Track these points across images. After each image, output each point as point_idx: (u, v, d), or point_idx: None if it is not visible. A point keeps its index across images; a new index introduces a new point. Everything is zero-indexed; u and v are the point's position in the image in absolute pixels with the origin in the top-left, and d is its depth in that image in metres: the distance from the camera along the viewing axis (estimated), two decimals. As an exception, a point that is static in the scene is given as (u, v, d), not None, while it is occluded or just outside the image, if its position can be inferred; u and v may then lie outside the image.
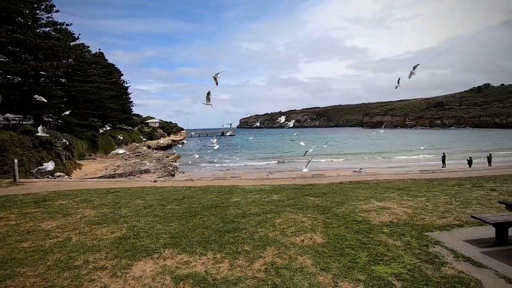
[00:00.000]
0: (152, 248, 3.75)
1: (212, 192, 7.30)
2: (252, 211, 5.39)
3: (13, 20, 23.91)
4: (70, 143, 23.31)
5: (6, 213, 5.52)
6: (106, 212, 5.52)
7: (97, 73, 41.49)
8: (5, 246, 3.92)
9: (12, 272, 3.16)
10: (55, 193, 7.60)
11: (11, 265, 3.33)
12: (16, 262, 3.41)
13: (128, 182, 11.23)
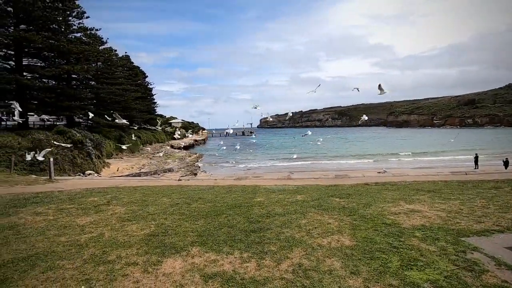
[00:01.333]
0: (180, 246, 3.83)
1: (235, 192, 7.35)
2: (276, 211, 5.36)
3: (48, 27, 25.42)
4: (99, 143, 24.43)
5: (44, 208, 5.87)
6: (135, 210, 5.72)
7: (123, 75, 43.18)
8: (45, 239, 4.17)
9: (52, 265, 3.35)
10: (87, 190, 7.97)
11: (51, 258, 3.53)
12: (55, 255, 3.61)
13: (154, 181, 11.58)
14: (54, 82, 29.13)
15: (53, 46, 24.32)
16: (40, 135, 18.26)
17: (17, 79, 22.32)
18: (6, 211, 5.69)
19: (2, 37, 22.39)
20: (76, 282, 2.98)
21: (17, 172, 13.53)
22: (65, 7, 26.43)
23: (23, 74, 24.55)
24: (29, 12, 23.01)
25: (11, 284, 2.93)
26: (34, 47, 24.23)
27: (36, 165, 15.50)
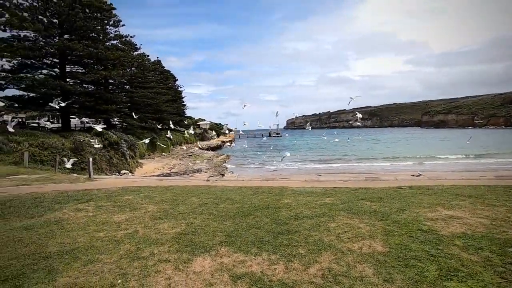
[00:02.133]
0: (210, 245, 3.91)
1: (262, 193, 7.37)
2: (304, 214, 5.29)
3: (88, 36, 27.27)
4: (133, 144, 25.71)
5: (85, 205, 6.29)
6: (166, 208, 5.93)
7: (155, 79, 45.08)
8: (85, 234, 4.46)
9: (92, 258, 3.58)
10: (122, 189, 8.41)
11: (91, 252, 3.77)
12: (95, 250, 3.85)
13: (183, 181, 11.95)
14: (93, 87, 31.14)
15: (92, 53, 26.02)
16: (80, 136, 19.62)
17: (61, 85, 24.16)
18: (52, 206, 6.17)
19: (48, 46, 24.40)
20: (114, 276, 3.15)
21: (61, 170, 14.63)
22: (103, 16, 28.20)
23: (66, 80, 26.54)
24: (72, 23, 24.85)
25: (57, 275, 3.17)
26: (75, 55, 26.10)
27: (77, 165, 16.65)
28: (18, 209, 5.96)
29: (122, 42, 32.29)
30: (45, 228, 4.74)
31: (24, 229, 4.72)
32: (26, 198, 7.06)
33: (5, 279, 3.08)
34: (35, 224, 4.95)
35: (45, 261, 3.51)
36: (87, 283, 3.01)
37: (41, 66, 26.51)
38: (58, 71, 26.84)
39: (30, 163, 15.04)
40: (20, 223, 5.06)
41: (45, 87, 23.23)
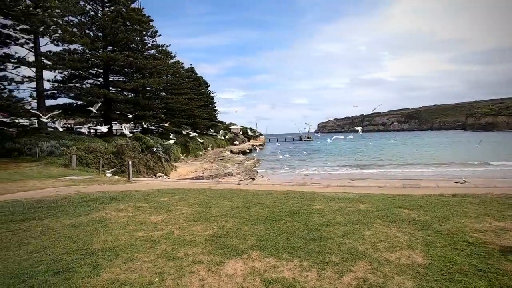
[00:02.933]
0: (241, 249, 3.96)
1: (293, 198, 7.29)
2: (337, 220, 5.14)
3: (128, 46, 29.21)
4: (168, 148, 26.87)
5: (125, 205, 6.69)
6: (199, 211, 6.11)
7: (188, 85, 46.87)
8: (126, 233, 4.74)
9: (132, 256, 3.79)
10: (158, 191, 8.81)
11: (131, 250, 4.00)
12: (134, 248, 4.08)
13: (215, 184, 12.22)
14: (132, 94, 33.19)
15: (132, 63, 27.78)
16: (121, 141, 20.95)
17: (105, 93, 26.06)
18: (96, 206, 6.65)
19: (94, 58, 26.50)
20: (151, 274, 3.31)
21: (104, 172, 15.71)
22: (142, 28, 30.02)
23: (109, 88, 28.61)
24: (114, 36, 26.79)
25: (101, 270, 3.40)
26: (117, 65, 28.05)
27: (118, 167, 17.78)
28: (67, 208, 6.51)
29: (158, 51, 34.07)
30: (91, 226, 5.11)
31: (72, 226, 5.14)
32: (74, 198, 7.69)
33: (58, 271, 3.37)
34: (82, 222, 5.37)
35: (90, 257, 3.79)
36: (128, 280, 3.19)
37: (88, 76, 28.88)
38: (102, 80, 29.05)
39: (78, 165, 16.36)
40: (69, 220, 5.52)
41: (91, 95, 25.21)
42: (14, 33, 19.67)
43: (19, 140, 17.91)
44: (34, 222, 5.42)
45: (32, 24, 18.46)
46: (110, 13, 27.25)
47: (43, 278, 3.22)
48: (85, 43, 22.61)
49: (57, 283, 3.11)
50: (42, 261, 3.67)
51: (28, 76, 20.62)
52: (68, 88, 25.51)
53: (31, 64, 19.77)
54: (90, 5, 27.74)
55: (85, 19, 27.13)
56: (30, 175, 13.12)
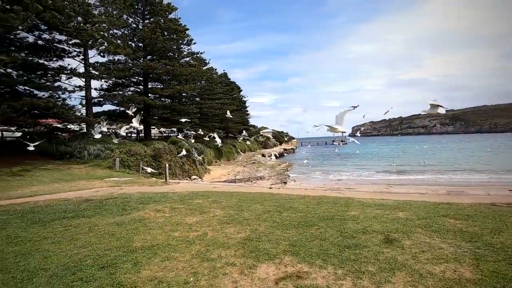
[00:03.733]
0: (273, 253, 3.94)
1: (326, 203, 7.11)
2: (374, 228, 4.91)
3: (165, 55, 30.80)
4: (202, 151, 27.73)
5: (162, 206, 7.02)
6: (232, 214, 6.20)
7: (221, 90, 48.07)
8: (163, 233, 4.97)
9: (169, 255, 3.96)
10: (193, 193, 9.12)
11: (168, 249, 4.18)
12: (171, 248, 4.26)
13: (247, 187, 12.34)
14: (169, 100, 34.84)
15: (169, 70, 29.22)
16: (159, 145, 22.07)
17: (144, 100, 27.69)
18: (136, 206, 7.05)
19: (135, 67, 28.33)
20: (187, 274, 3.43)
21: (143, 174, 16.64)
22: (178, 37, 31.52)
23: (148, 95, 30.33)
24: (153, 45, 28.44)
25: (141, 267, 3.60)
26: (156, 73, 29.67)
27: (156, 170, 18.72)
28: (111, 207, 6.99)
29: (193, 58, 35.48)
30: (132, 225, 5.44)
31: (116, 224, 5.51)
32: (117, 198, 8.24)
33: (103, 266, 3.63)
34: (124, 221, 5.73)
35: (131, 254, 4.02)
36: (165, 278, 3.34)
37: (129, 84, 30.92)
38: (142, 87, 30.90)
39: (120, 168, 17.51)
40: (113, 219, 5.92)
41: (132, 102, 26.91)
42: (68, 47, 21.75)
43: (70, 144, 19.65)
44: (82, 220, 5.89)
45: (82, 38, 20.27)
46: (149, 25, 29.00)
47: (90, 272, 3.48)
48: (127, 53, 24.28)
49: (102, 277, 3.34)
50: (89, 256, 3.98)
51: (78, 86, 22.67)
52: (112, 95, 27.57)
53: (81, 74, 21.68)
54: (132, 18, 29.76)
55: (127, 31, 29.16)
56: (79, 176, 14.31)
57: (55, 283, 3.23)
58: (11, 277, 3.39)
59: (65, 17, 17.24)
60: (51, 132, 21.19)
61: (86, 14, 19.51)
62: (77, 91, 22.72)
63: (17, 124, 19.24)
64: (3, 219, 6.01)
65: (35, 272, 3.50)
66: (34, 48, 19.71)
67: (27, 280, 3.32)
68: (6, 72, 17.40)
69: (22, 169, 14.60)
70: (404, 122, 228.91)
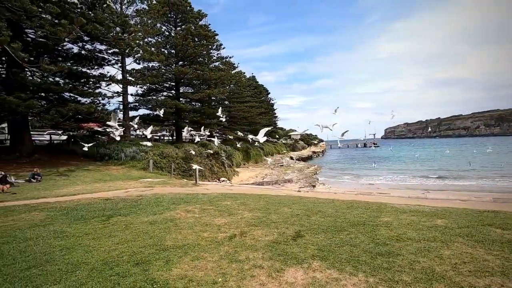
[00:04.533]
0: (302, 257, 3.89)
1: (357, 208, 6.88)
2: (408, 236, 4.66)
3: (196, 60, 31.82)
4: (231, 154, 28.16)
5: (192, 207, 7.23)
6: (260, 216, 6.22)
7: (250, 94, 48.55)
8: (193, 233, 5.11)
9: (198, 255, 4.06)
10: (221, 195, 9.28)
11: (197, 249, 4.29)
12: (200, 248, 4.37)
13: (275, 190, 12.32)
14: (199, 104, 35.87)
15: (199, 75, 30.12)
16: (189, 147, 22.78)
17: (176, 104, 28.79)
18: (168, 206, 7.33)
19: (168, 73, 29.59)
20: (215, 274, 3.49)
21: (174, 176, 17.27)
22: (208, 42, 32.41)
23: (179, 99, 31.48)
24: (184, 51, 29.52)
25: (172, 265, 3.73)
26: (187, 78, 30.76)
27: (187, 171, 19.34)
28: (145, 207, 7.34)
29: (222, 63, 36.23)
30: (164, 224, 5.66)
31: (149, 223, 5.77)
32: (150, 198, 8.63)
33: (137, 263, 3.82)
34: (156, 220, 5.98)
35: (163, 252, 4.19)
36: (195, 277, 3.43)
37: (162, 89, 32.33)
38: (174, 92, 32.16)
39: (153, 169, 18.33)
40: (146, 218, 6.21)
41: (165, 106, 28.13)
42: (107, 56, 23.28)
43: (109, 147, 20.95)
44: (119, 218, 6.25)
45: (120, 47, 21.58)
46: (181, 32, 30.18)
47: (126, 267, 3.68)
48: (161, 60, 25.41)
49: (136, 273, 3.52)
50: (125, 252, 4.21)
51: (116, 92, 24.15)
52: (146, 100, 29.04)
53: (119, 81, 23.09)
54: (165, 26, 31.18)
55: (161, 39, 30.56)
56: (116, 176, 15.20)
57: (95, 276, 3.46)
58: (57, 268, 3.69)
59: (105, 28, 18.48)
60: (93, 135, 22.78)
61: (124, 24, 20.76)
62: (115, 96, 24.22)
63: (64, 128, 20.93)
64: (51, 215, 6.56)
65: (77, 265, 3.78)
66: (78, 58, 21.36)
67: (71, 272, 3.59)
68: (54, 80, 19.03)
69: (67, 170, 15.85)
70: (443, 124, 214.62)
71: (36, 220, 6.16)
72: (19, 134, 18.45)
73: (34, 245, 4.55)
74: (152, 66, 29.32)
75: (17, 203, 8.13)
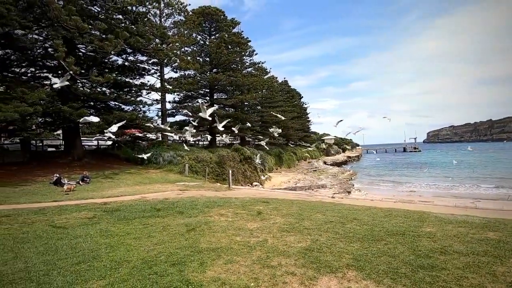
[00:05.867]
0: (336, 266, 3.77)
1: (396, 217, 6.51)
2: (455, 248, 4.30)
3: (229, 67, 32.65)
4: (263, 158, 28.26)
5: (226, 211, 7.37)
6: (292, 222, 6.15)
7: (282, 98, 48.46)
8: (226, 237, 5.21)
9: (231, 259, 4.13)
10: (254, 200, 9.34)
11: (230, 253, 4.36)
12: (233, 252, 4.43)
13: (308, 196, 12.09)
14: (232, 110, 36.63)
15: (233, 81, 30.86)
16: (223, 152, 23.31)
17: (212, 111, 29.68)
18: (203, 210, 7.56)
19: (203, 80, 30.71)
20: (248, 278, 3.52)
21: (209, 180, 17.75)
22: (241, 49, 33.14)
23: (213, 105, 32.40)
24: (218, 59, 30.47)
25: (206, 268, 3.84)
26: (220, 84, 31.66)
27: (220, 175, 19.79)
28: (181, 209, 7.63)
29: (255, 68, 36.76)
30: (199, 227, 5.84)
31: (185, 225, 5.99)
32: (186, 201, 8.96)
33: (174, 263, 3.99)
34: (191, 222, 6.20)
35: (198, 254, 4.32)
36: (228, 280, 3.49)
37: (197, 96, 33.59)
38: (208, 98, 33.23)
39: (189, 173, 19.02)
40: (182, 220, 6.46)
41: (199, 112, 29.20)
42: (148, 66, 24.83)
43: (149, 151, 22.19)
44: (157, 219, 6.57)
45: (159, 57, 22.90)
46: (215, 40, 31.23)
47: (163, 267, 3.86)
48: (196, 68, 26.48)
49: (173, 273, 3.67)
50: (163, 252, 4.41)
51: (155, 99, 25.59)
52: (183, 107, 30.32)
53: (158, 89, 24.45)
54: (200, 35, 32.50)
55: (196, 47, 31.92)
56: (155, 179, 16.03)
57: (135, 274, 3.68)
58: (102, 265, 3.98)
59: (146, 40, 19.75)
60: (134, 140, 24.31)
61: (163, 36, 22.02)
62: (154, 104, 25.69)
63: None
64: (97, 215, 7.11)
65: (120, 263, 4.04)
66: (122, 69, 23.04)
67: (114, 269, 3.85)
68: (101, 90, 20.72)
69: (112, 173, 17.07)
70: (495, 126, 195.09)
71: (85, 219, 6.70)
72: (72, 140, 20.29)
73: (83, 242, 4.96)
74: (188, 74, 30.65)
75: (69, 203, 8.93)
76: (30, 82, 17.72)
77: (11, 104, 13.19)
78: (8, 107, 12.91)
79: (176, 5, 24.24)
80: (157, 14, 24.74)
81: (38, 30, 17.56)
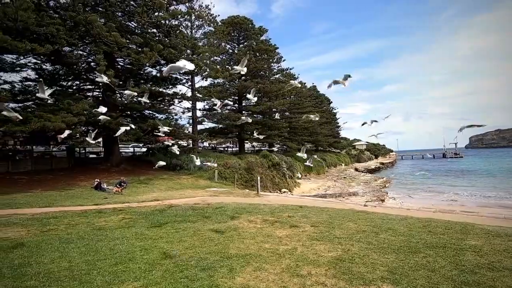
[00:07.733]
0: (369, 278, 3.60)
1: (436, 227, 6.08)
2: (505, 264, 3.92)
3: (257, 74, 33.03)
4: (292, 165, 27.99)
5: (254, 217, 7.38)
6: (322, 230, 5.99)
7: (311, 104, 47.93)
8: (255, 243, 5.20)
9: (260, 266, 4.11)
10: (283, 206, 9.25)
11: (259, 260, 4.35)
12: (262, 259, 4.41)
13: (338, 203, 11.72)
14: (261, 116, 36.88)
15: (261, 88, 31.13)
16: (251, 158, 23.48)
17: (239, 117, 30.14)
18: (232, 215, 7.63)
19: (231, 88, 31.35)
20: (277, 287, 3.48)
21: (237, 186, 17.93)
22: (269, 56, 33.45)
23: (242, 112, 32.90)
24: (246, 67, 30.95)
25: (235, 274, 3.86)
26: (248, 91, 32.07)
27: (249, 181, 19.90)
28: (211, 215, 7.78)
29: (283, 74, 36.82)
30: (228, 233, 5.91)
31: (214, 231, 6.09)
32: (216, 206, 9.12)
33: (204, 268, 4.06)
34: (221, 228, 6.28)
35: (227, 260, 4.36)
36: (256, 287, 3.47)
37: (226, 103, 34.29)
38: (237, 106, 33.80)
39: (218, 179, 19.37)
40: (212, 225, 6.57)
41: (228, 120, 29.73)
42: (179, 76, 25.91)
43: (180, 158, 22.96)
44: (188, 224, 6.75)
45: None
46: (243, 48, 31.85)
47: (194, 272, 3.94)
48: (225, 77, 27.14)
49: (203, 278, 3.73)
50: (193, 257, 4.51)
51: (187, 108, 26.56)
52: (212, 114, 31.11)
53: (189, 98, 25.39)
54: (229, 44, 33.34)
55: (225, 56, 32.75)
56: (186, 185, 16.52)
57: (168, 277, 3.79)
58: (137, 267, 4.16)
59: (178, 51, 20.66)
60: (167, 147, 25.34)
61: (194, 47, 22.93)
62: (186, 112, 26.68)
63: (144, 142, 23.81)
64: (133, 219, 7.47)
65: (154, 265, 4.20)
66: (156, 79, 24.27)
67: (148, 271, 4.01)
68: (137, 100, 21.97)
69: (146, 178, 17.89)
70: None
71: (122, 222, 7.07)
72: (111, 147, 21.63)
73: (120, 244, 5.23)
74: (217, 82, 31.50)
75: (108, 206, 9.49)
76: (75, 94, 19.27)
77: (59, 115, 14.42)
78: (57, 118, 14.13)
79: (206, 17, 25.18)
80: (188, 26, 25.86)
81: (83, 46, 19.13)
